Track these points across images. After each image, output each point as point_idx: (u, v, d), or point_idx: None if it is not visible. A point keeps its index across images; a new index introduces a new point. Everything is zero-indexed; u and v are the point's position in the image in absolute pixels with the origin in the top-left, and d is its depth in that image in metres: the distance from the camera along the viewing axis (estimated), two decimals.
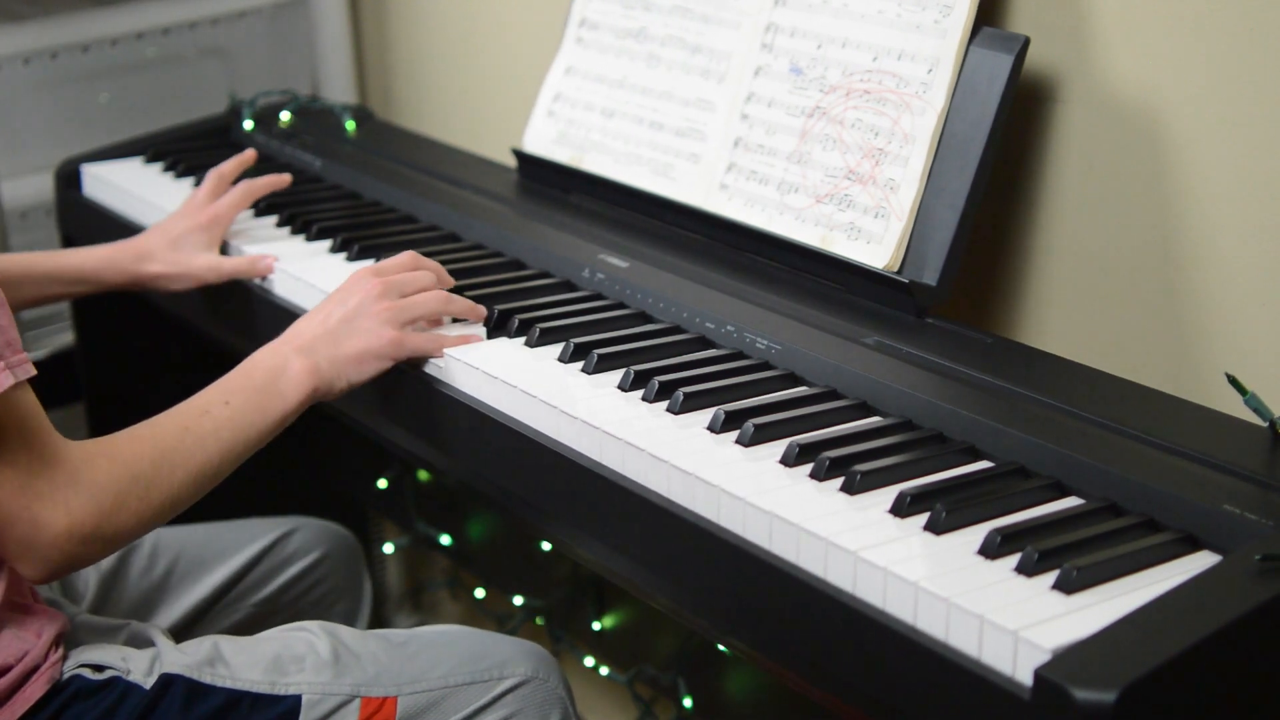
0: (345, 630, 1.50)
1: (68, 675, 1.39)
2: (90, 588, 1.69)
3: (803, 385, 1.43)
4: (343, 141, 2.18)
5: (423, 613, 2.71)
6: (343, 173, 2.04)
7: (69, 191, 2.15)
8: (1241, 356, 1.45)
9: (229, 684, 1.41)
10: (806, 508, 1.19)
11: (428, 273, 1.56)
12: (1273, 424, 1.28)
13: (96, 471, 1.31)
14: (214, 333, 1.90)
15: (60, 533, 1.28)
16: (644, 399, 1.39)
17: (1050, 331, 1.61)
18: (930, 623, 1.08)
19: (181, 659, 1.42)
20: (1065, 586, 1.08)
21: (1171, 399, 1.36)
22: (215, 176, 1.84)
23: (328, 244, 1.82)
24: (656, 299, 1.58)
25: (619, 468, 1.31)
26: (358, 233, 1.83)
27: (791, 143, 1.64)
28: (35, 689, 1.36)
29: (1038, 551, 1.10)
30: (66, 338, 2.27)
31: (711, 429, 1.33)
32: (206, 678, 1.41)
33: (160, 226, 1.80)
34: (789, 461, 1.27)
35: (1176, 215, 1.48)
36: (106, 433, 1.37)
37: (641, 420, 1.35)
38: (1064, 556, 1.10)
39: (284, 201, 1.93)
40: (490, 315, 1.56)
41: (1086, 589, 1.08)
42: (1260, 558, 1.06)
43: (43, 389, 1.33)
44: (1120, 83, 1.50)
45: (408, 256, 1.57)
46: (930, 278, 1.51)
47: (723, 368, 1.45)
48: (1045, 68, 1.56)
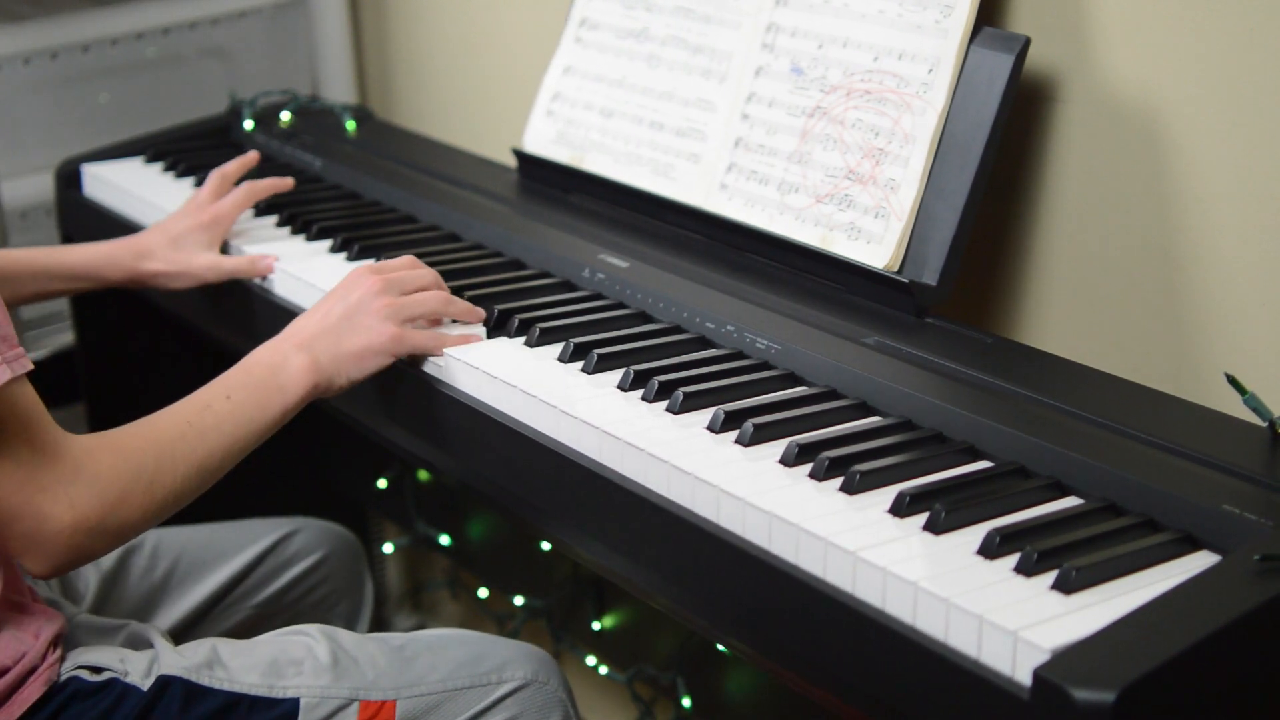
0: (344, 634, 1.50)
1: (65, 677, 1.38)
2: (91, 588, 1.69)
3: (802, 385, 1.43)
4: (343, 141, 2.18)
5: (423, 613, 2.71)
6: (343, 173, 2.04)
7: (69, 191, 2.15)
8: (1241, 356, 1.45)
9: (227, 686, 1.41)
10: (806, 508, 1.19)
11: (429, 272, 1.56)
12: (1272, 424, 1.28)
13: (100, 465, 1.31)
14: (214, 333, 1.90)
15: (65, 526, 1.28)
16: (644, 399, 1.39)
17: (1050, 331, 1.61)
18: (929, 623, 1.07)
19: (179, 661, 1.42)
20: (1064, 586, 1.08)
21: (1171, 399, 1.36)
22: (218, 177, 1.84)
23: (328, 244, 1.82)
24: (656, 299, 1.58)
25: (619, 467, 1.31)
26: (358, 233, 1.83)
27: (792, 143, 1.64)
28: (33, 690, 1.36)
29: (1037, 551, 1.10)
30: (66, 337, 2.26)
31: (711, 429, 1.33)
32: (204, 680, 1.41)
33: (161, 225, 1.80)
34: (788, 461, 1.27)
35: (1176, 215, 1.48)
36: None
37: (641, 420, 1.35)
38: (1063, 556, 1.10)
39: (284, 201, 1.93)
40: (490, 315, 1.56)
41: (1086, 589, 1.08)
42: (1260, 558, 1.06)
43: (43, 389, 1.33)
44: (1120, 83, 1.50)
45: (406, 259, 1.57)
46: (930, 278, 1.51)
47: (722, 367, 1.45)
48: (1045, 68, 1.56)
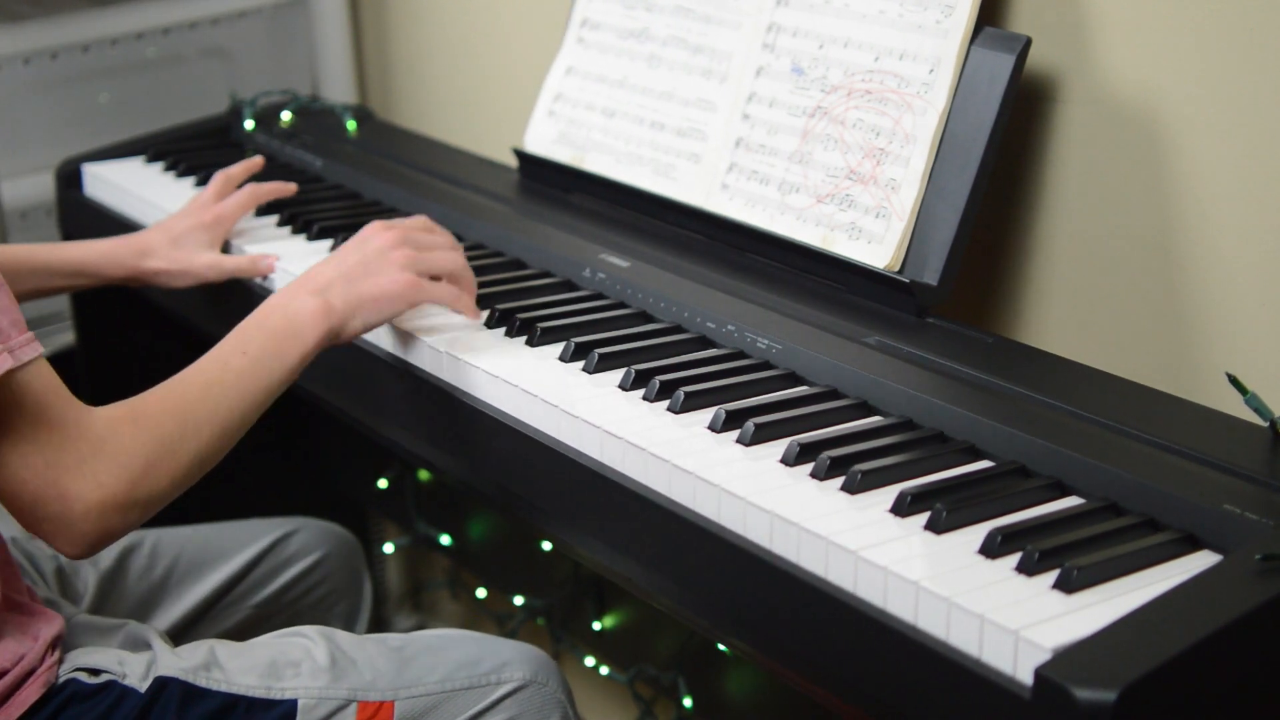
0: (342, 635, 1.50)
1: (63, 679, 1.38)
2: (89, 588, 1.69)
3: (803, 385, 1.43)
4: (343, 141, 2.18)
5: (423, 613, 2.71)
6: (343, 173, 2.04)
7: (70, 191, 2.15)
8: (1241, 356, 1.45)
9: (224, 688, 1.40)
10: (807, 507, 1.19)
11: (446, 234, 1.56)
12: (1273, 424, 1.28)
13: (122, 438, 1.29)
14: (215, 332, 1.88)
15: (93, 505, 1.26)
16: (645, 398, 1.39)
17: (1050, 331, 1.61)
18: (931, 622, 1.08)
19: (177, 663, 1.41)
20: (1066, 586, 1.08)
21: (1171, 399, 1.36)
22: (222, 178, 1.85)
23: (329, 244, 1.82)
24: (657, 299, 1.58)
25: (620, 467, 1.31)
26: None
27: (793, 143, 1.64)
28: (31, 692, 1.35)
29: (1038, 551, 1.10)
30: (67, 337, 2.26)
31: (712, 428, 1.33)
32: (202, 681, 1.40)
33: (164, 224, 1.80)
34: (789, 461, 1.27)
35: (1176, 215, 1.48)
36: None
37: (642, 419, 1.35)
38: (1064, 556, 1.10)
39: (285, 201, 1.93)
40: (491, 314, 1.56)
41: (1087, 588, 1.08)
42: (1260, 557, 1.06)
43: None
44: (1120, 83, 1.50)
45: (422, 218, 1.57)
46: (931, 277, 1.51)
47: (723, 367, 1.45)
48: (1045, 68, 1.56)
